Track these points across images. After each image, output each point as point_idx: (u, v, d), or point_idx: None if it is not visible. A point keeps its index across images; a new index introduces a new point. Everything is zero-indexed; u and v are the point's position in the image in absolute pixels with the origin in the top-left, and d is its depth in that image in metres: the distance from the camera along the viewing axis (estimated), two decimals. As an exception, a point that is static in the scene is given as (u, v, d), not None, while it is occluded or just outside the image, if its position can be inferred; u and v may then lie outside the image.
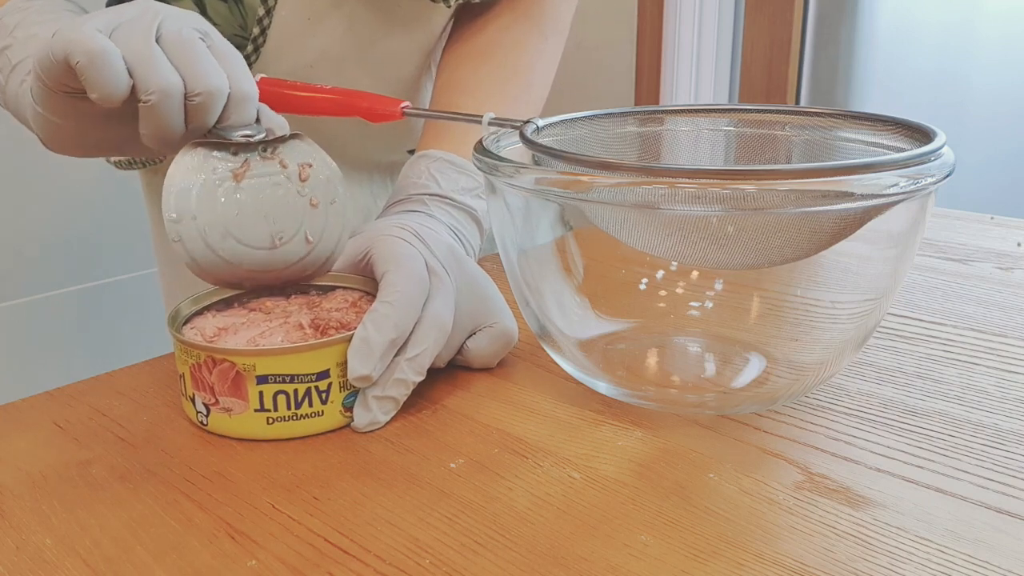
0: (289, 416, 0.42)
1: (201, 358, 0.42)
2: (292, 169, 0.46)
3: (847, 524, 0.35)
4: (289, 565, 0.33)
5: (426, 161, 0.58)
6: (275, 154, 0.45)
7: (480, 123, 0.48)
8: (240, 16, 0.61)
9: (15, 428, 0.45)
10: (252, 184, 0.44)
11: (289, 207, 0.46)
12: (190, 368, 0.43)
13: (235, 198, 0.44)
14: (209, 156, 0.43)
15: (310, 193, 0.46)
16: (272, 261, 0.46)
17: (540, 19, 0.69)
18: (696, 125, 0.52)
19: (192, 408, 0.44)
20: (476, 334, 0.49)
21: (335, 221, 0.48)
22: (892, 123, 0.44)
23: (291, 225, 0.46)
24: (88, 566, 0.34)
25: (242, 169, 0.44)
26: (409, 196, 0.57)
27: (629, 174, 0.36)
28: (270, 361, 0.41)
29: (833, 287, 0.45)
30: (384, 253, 0.47)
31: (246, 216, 0.44)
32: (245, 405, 0.42)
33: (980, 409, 0.44)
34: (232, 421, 0.42)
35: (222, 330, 0.45)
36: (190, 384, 0.43)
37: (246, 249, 0.45)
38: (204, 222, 0.43)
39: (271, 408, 0.42)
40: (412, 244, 0.48)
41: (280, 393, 0.42)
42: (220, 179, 0.44)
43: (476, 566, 0.33)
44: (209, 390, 0.42)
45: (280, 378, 0.41)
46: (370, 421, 0.43)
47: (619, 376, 0.47)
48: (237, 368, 0.41)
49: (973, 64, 1.56)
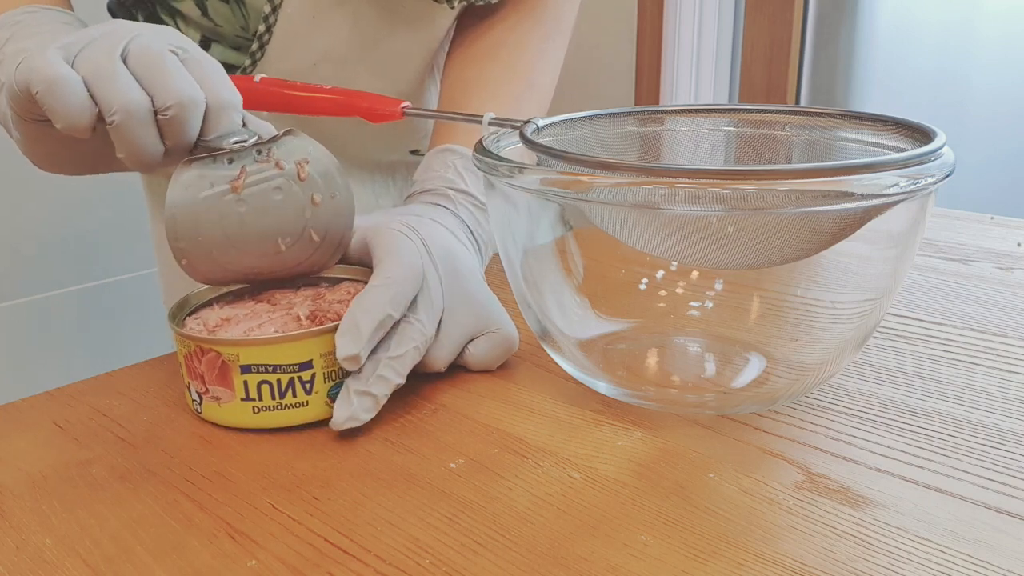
0: (274, 406, 0.43)
1: (192, 348, 0.43)
2: (289, 169, 0.45)
3: (847, 524, 0.35)
4: (289, 565, 0.33)
5: (452, 156, 0.58)
6: (270, 156, 0.45)
7: (480, 123, 0.48)
8: (242, 17, 0.61)
9: (15, 428, 0.45)
10: (252, 192, 0.44)
11: (291, 210, 0.45)
12: (184, 357, 0.44)
13: (237, 211, 0.44)
14: (204, 171, 0.43)
15: (311, 191, 0.46)
16: (279, 264, 0.47)
17: (544, 19, 0.69)
18: (696, 125, 0.52)
19: (188, 396, 0.45)
20: (477, 339, 0.48)
21: (339, 214, 0.47)
22: (892, 123, 0.44)
23: (295, 227, 0.46)
24: (88, 566, 0.34)
25: (239, 178, 0.43)
26: (436, 188, 0.56)
27: (629, 174, 0.36)
28: (253, 351, 0.42)
29: (833, 287, 0.45)
30: (381, 242, 0.47)
31: (250, 227, 0.44)
32: (232, 394, 0.43)
33: (980, 409, 0.44)
34: (222, 410, 0.43)
35: (225, 320, 0.45)
36: (186, 372, 0.44)
37: (253, 258, 0.45)
38: (208, 240, 0.43)
39: (256, 398, 0.42)
40: (411, 239, 0.48)
41: (264, 383, 0.42)
42: (219, 193, 0.43)
43: (476, 566, 0.33)
44: (200, 379, 0.43)
45: (263, 368, 0.42)
46: (349, 416, 0.41)
47: (619, 376, 0.47)
48: (223, 358, 0.42)
49: (973, 64, 1.56)
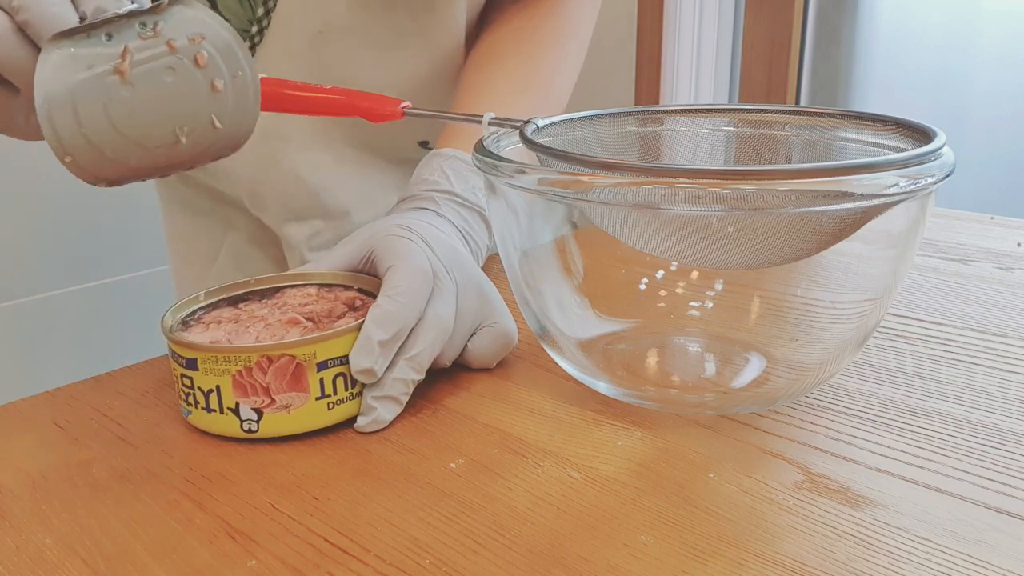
0: (347, 397, 0.43)
1: (253, 360, 0.41)
2: (183, 46, 0.39)
3: (847, 524, 0.35)
4: (289, 565, 0.33)
5: (439, 159, 0.59)
6: (157, 31, 0.38)
7: (480, 123, 0.48)
8: (250, 9, 0.61)
9: (15, 428, 0.45)
10: (140, 75, 0.38)
11: (188, 94, 0.40)
12: (233, 377, 0.41)
13: (124, 97, 0.38)
14: (78, 49, 0.37)
15: (211, 75, 0.40)
16: (177, 154, 0.41)
17: (559, 24, 0.70)
18: (696, 125, 0.52)
19: (233, 420, 0.42)
20: (476, 333, 0.49)
21: (243, 94, 0.42)
22: (892, 123, 0.44)
23: (194, 115, 0.41)
24: (88, 566, 0.34)
25: (123, 60, 0.38)
26: (420, 193, 0.57)
27: (629, 174, 0.36)
28: (328, 346, 0.42)
29: (833, 287, 0.45)
30: (388, 249, 0.47)
31: (141, 116, 0.39)
32: (306, 396, 0.42)
33: (980, 409, 0.44)
34: (291, 418, 0.42)
35: (215, 342, 0.44)
36: (231, 394, 0.41)
37: (148, 151, 0.40)
38: (94, 133, 0.38)
39: (331, 393, 0.42)
40: (415, 243, 0.48)
41: (339, 376, 0.42)
42: (100, 76, 0.37)
43: (476, 566, 0.33)
44: (263, 391, 0.41)
45: (339, 361, 0.42)
46: (373, 420, 0.43)
47: (619, 376, 0.47)
48: (297, 360, 0.41)
49: (973, 64, 1.56)
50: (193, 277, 0.79)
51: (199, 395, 0.42)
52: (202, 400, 0.42)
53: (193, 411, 0.43)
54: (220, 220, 0.76)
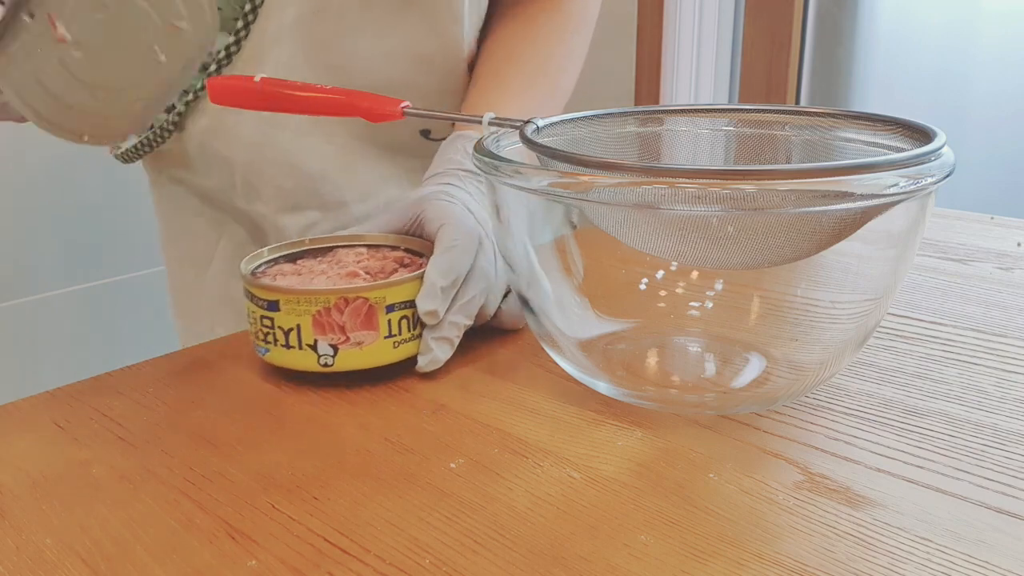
0: (410, 337, 0.48)
1: (331, 302, 0.46)
2: None
3: (847, 524, 0.35)
4: (289, 565, 0.33)
5: (463, 141, 0.62)
6: None
7: (480, 123, 0.48)
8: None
9: (15, 428, 0.45)
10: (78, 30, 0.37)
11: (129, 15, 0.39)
12: (313, 316, 0.46)
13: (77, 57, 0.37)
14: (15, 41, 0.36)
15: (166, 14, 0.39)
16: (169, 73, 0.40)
17: (564, 16, 0.71)
18: (696, 125, 0.52)
19: (310, 355, 0.47)
20: (507, 296, 0.53)
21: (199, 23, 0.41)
22: (892, 123, 0.44)
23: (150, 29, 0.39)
24: (88, 566, 0.34)
25: (55, 28, 0.37)
26: (446, 171, 0.60)
27: (629, 174, 0.36)
28: (396, 291, 0.47)
29: (833, 287, 0.45)
30: (438, 211, 0.52)
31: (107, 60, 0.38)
32: (376, 335, 0.47)
33: (980, 409, 0.44)
34: (362, 353, 0.47)
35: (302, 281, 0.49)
36: (310, 331, 0.46)
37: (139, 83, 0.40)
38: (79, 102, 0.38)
39: (397, 333, 0.47)
40: (460, 207, 0.53)
41: (404, 318, 0.47)
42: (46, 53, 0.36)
43: (476, 566, 0.33)
44: (339, 330, 0.46)
45: (403, 305, 0.47)
46: (431, 360, 0.48)
47: (619, 376, 0.47)
48: (370, 302, 0.46)
49: (973, 64, 1.56)
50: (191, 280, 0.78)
51: (279, 334, 0.47)
52: (282, 338, 0.47)
53: (272, 349, 0.47)
54: (212, 222, 0.75)
